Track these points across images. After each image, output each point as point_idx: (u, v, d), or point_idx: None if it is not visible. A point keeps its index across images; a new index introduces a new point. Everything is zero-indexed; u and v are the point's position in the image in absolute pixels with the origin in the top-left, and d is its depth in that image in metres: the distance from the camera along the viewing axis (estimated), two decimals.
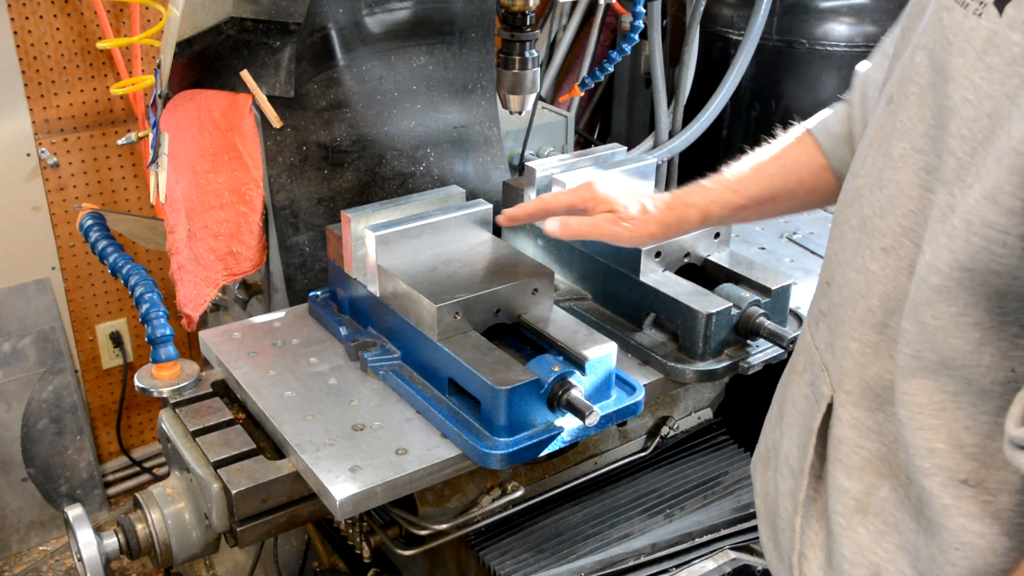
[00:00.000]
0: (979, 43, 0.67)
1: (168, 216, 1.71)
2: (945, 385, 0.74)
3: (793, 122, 1.30)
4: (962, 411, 0.74)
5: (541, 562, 1.49)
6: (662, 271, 1.55)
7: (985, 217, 0.65)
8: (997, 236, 0.65)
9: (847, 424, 0.86)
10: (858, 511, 0.85)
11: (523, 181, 1.72)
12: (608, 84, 3.38)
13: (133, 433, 3.05)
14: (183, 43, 1.61)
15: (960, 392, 0.74)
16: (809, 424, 0.91)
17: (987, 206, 0.65)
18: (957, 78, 0.70)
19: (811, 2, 2.60)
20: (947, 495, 0.74)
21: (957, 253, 0.68)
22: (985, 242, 0.66)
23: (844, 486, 0.86)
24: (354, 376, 1.47)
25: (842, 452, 0.86)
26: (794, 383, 0.97)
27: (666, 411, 1.68)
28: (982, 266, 0.67)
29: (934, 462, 0.75)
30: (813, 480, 0.92)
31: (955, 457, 0.74)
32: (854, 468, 0.85)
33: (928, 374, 0.74)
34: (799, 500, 0.93)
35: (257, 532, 1.34)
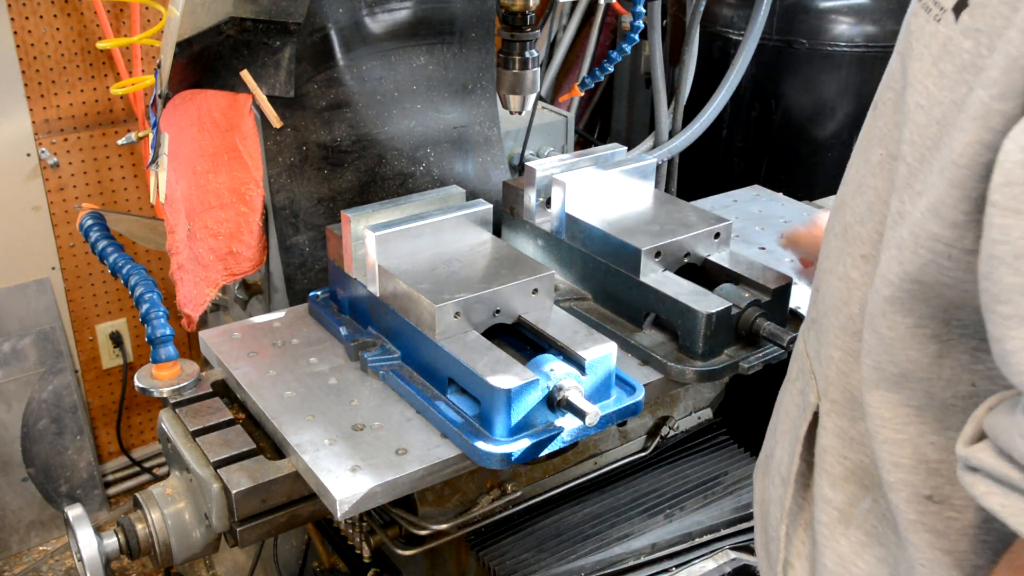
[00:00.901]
0: (935, 48, 0.67)
1: (168, 216, 1.71)
2: (908, 399, 0.73)
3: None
4: (927, 426, 0.73)
5: (541, 562, 1.49)
6: (662, 271, 1.55)
7: (930, 230, 0.64)
8: (942, 249, 0.64)
9: (832, 433, 0.85)
10: (841, 522, 0.84)
11: (523, 181, 1.72)
12: (608, 84, 3.38)
13: (133, 433, 3.05)
14: (183, 43, 1.61)
15: (923, 407, 0.73)
16: (797, 432, 0.90)
17: (931, 219, 0.64)
18: (913, 83, 0.69)
19: (811, 2, 2.60)
20: (912, 510, 0.73)
21: (906, 265, 0.67)
22: (932, 255, 0.65)
23: (828, 496, 0.85)
24: (354, 376, 1.47)
25: (826, 462, 0.86)
26: (787, 391, 0.97)
27: (666, 411, 1.68)
28: (931, 279, 0.66)
29: (899, 476, 0.74)
30: (800, 489, 0.92)
31: (920, 472, 0.73)
32: (837, 478, 0.84)
33: (890, 386, 0.73)
34: (785, 508, 0.92)
35: (257, 532, 1.35)
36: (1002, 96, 0.58)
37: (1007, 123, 0.58)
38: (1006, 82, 0.58)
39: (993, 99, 0.58)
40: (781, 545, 0.93)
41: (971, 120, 0.60)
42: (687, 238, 1.57)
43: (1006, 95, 0.58)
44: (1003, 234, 0.56)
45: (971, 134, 0.60)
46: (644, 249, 1.52)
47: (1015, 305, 0.56)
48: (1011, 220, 0.55)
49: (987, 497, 0.60)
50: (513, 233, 1.76)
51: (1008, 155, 0.56)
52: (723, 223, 1.62)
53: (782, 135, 2.74)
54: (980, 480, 0.61)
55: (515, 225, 1.76)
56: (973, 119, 0.60)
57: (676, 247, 1.56)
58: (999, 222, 0.56)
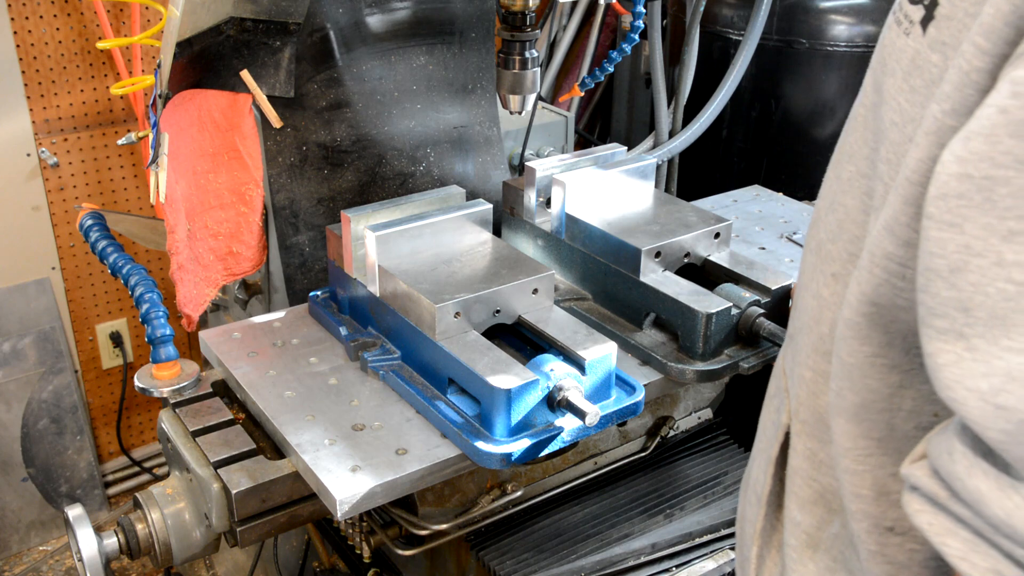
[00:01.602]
0: (905, 63, 0.65)
1: (168, 216, 1.71)
2: (869, 431, 0.71)
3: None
4: (888, 457, 0.71)
5: (541, 562, 1.49)
6: (662, 271, 1.55)
7: (884, 249, 0.63)
8: (896, 268, 0.63)
9: (801, 455, 0.83)
10: (809, 545, 0.83)
11: (523, 181, 1.72)
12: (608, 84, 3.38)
13: (133, 433, 3.05)
14: (183, 43, 1.61)
15: (884, 438, 0.71)
16: (770, 451, 0.89)
17: (886, 237, 0.63)
18: (888, 100, 0.68)
19: (811, 2, 2.60)
20: (873, 541, 0.71)
21: (863, 285, 0.66)
22: (886, 274, 0.64)
23: (797, 519, 0.83)
24: (354, 376, 1.47)
25: (796, 484, 0.84)
26: (766, 407, 0.95)
27: (666, 411, 1.68)
28: (887, 300, 0.65)
29: (860, 507, 0.72)
30: (773, 509, 0.90)
31: (881, 504, 0.71)
32: (806, 501, 0.83)
33: (850, 417, 0.72)
34: (757, 529, 0.91)
35: (257, 532, 1.35)
36: (954, 111, 0.57)
37: None
38: (958, 97, 0.56)
39: (945, 114, 0.57)
40: (751, 566, 0.92)
41: (924, 136, 0.59)
42: (687, 238, 1.57)
43: (957, 110, 0.56)
44: (939, 247, 0.55)
45: (924, 150, 0.59)
46: (644, 249, 1.52)
47: (951, 320, 0.54)
48: (946, 233, 0.54)
49: (918, 515, 0.59)
50: (513, 233, 1.76)
51: (944, 166, 0.54)
52: (723, 223, 1.62)
53: (782, 135, 2.74)
54: (915, 498, 0.60)
55: (515, 225, 1.76)
56: (926, 135, 0.59)
57: (676, 247, 1.56)
58: (935, 235, 0.55)
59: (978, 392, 0.52)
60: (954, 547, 0.56)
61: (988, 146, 0.52)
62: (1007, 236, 0.51)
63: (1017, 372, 0.51)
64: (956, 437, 0.57)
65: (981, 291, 0.53)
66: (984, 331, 0.53)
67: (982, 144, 0.52)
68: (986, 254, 0.52)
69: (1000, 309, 0.52)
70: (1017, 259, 0.51)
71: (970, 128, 0.53)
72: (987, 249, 0.52)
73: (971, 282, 0.53)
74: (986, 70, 0.54)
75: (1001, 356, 0.52)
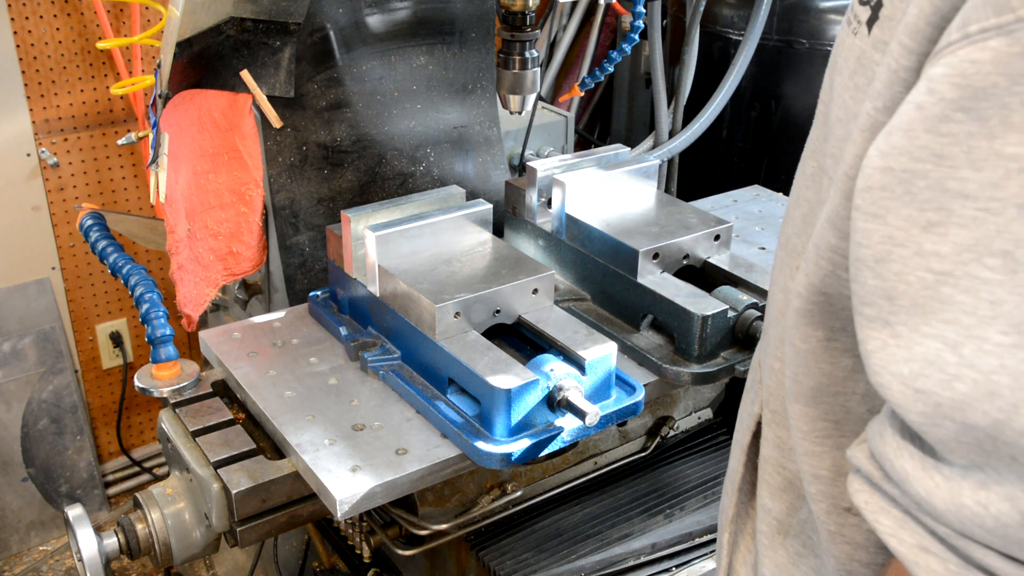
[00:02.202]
0: (852, 62, 0.67)
1: (168, 216, 1.71)
2: (825, 413, 0.73)
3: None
4: (845, 439, 0.73)
5: (541, 562, 1.49)
6: (660, 273, 1.55)
7: (828, 241, 0.65)
8: (840, 260, 0.64)
9: (771, 444, 0.85)
10: (779, 531, 0.85)
11: (524, 181, 1.72)
12: (608, 84, 3.38)
13: (133, 433, 3.05)
14: (183, 43, 1.61)
15: (841, 421, 0.73)
16: (743, 441, 0.91)
17: (829, 230, 0.65)
18: (835, 97, 0.70)
19: (811, 2, 2.60)
20: (832, 522, 0.73)
21: (811, 277, 0.68)
22: (831, 266, 0.66)
23: (768, 506, 0.85)
24: (354, 376, 1.47)
25: (767, 471, 0.86)
26: (743, 400, 0.97)
27: (666, 411, 1.68)
28: (834, 290, 0.67)
29: (819, 488, 0.74)
30: (745, 498, 0.92)
31: (839, 485, 0.73)
32: (776, 488, 0.84)
33: (807, 400, 0.73)
34: (729, 516, 0.93)
35: (257, 532, 1.35)
36: (885, 108, 0.58)
37: None
38: (888, 94, 0.58)
39: (878, 111, 0.59)
40: (725, 552, 0.93)
41: (859, 132, 0.60)
42: (686, 240, 1.57)
43: (888, 107, 0.58)
44: (865, 238, 0.56)
45: (859, 146, 0.60)
46: (641, 251, 1.52)
47: (877, 308, 0.56)
48: (871, 224, 0.56)
49: (857, 495, 0.62)
50: (514, 233, 1.77)
51: (869, 160, 0.56)
52: (723, 225, 1.62)
53: (782, 135, 2.74)
54: (855, 478, 0.62)
55: (516, 225, 1.76)
56: (861, 131, 0.60)
57: (675, 249, 1.56)
58: (861, 226, 0.57)
59: (900, 376, 0.54)
60: (885, 524, 0.59)
61: (907, 141, 0.53)
62: (926, 227, 0.53)
63: (934, 357, 0.53)
64: (887, 420, 0.59)
65: (903, 280, 0.54)
66: (906, 318, 0.55)
67: (901, 139, 0.54)
68: (907, 244, 0.54)
69: (920, 297, 0.54)
70: (935, 249, 0.53)
71: (891, 124, 0.55)
72: (908, 239, 0.54)
73: (894, 271, 0.55)
74: (912, 68, 0.56)
75: (920, 342, 0.54)
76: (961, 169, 0.51)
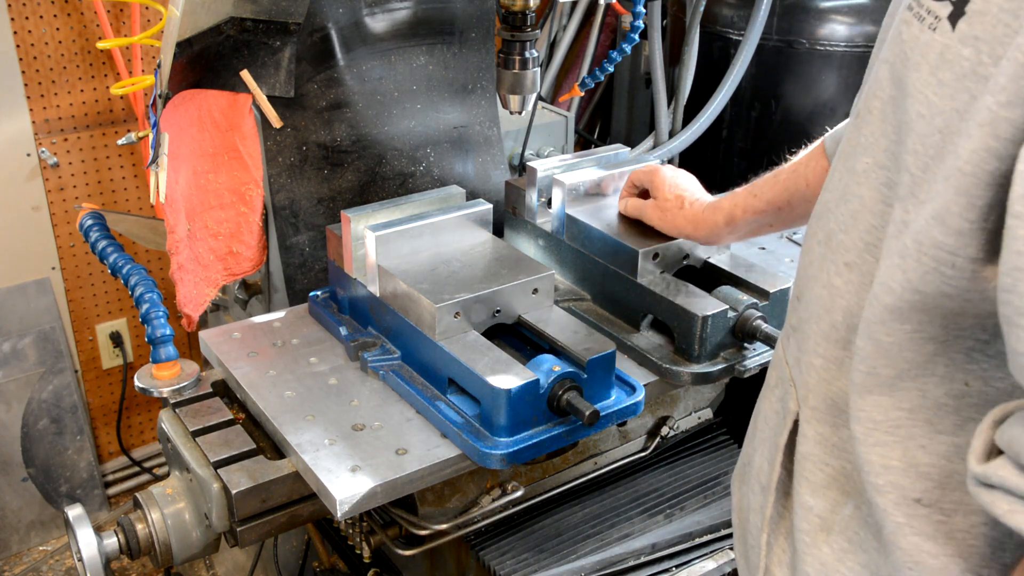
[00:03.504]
0: (933, 58, 0.67)
1: (168, 216, 1.71)
2: (901, 402, 0.73)
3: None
4: (918, 429, 0.73)
5: (541, 562, 1.49)
6: (660, 273, 1.55)
7: (934, 238, 0.64)
8: (946, 257, 0.64)
9: (812, 441, 0.85)
10: (822, 529, 0.84)
11: (524, 181, 1.72)
12: (608, 84, 3.38)
13: (133, 433, 3.05)
14: (183, 43, 1.61)
15: (915, 409, 0.73)
16: (777, 440, 0.91)
17: (936, 226, 0.64)
18: (913, 93, 0.69)
19: (811, 2, 2.60)
20: (900, 513, 0.74)
21: (909, 273, 0.67)
22: (935, 263, 0.65)
23: (809, 504, 0.85)
24: (354, 376, 1.47)
25: (807, 469, 0.86)
26: (766, 398, 0.97)
27: (666, 411, 1.68)
28: (933, 288, 0.66)
29: (888, 479, 0.74)
30: (781, 497, 0.91)
31: (909, 475, 0.73)
32: (818, 486, 0.85)
33: (884, 390, 0.74)
34: (766, 516, 0.92)
35: (257, 532, 1.35)
36: (1009, 103, 0.58)
37: (1014, 131, 0.58)
38: (1013, 89, 0.58)
39: (1000, 106, 0.58)
40: (762, 553, 0.93)
41: (978, 127, 0.60)
42: (686, 240, 1.57)
43: (1013, 102, 0.58)
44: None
45: (977, 141, 0.60)
46: (641, 251, 1.52)
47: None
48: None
49: (1010, 516, 0.59)
50: (515, 233, 1.77)
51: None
52: None
53: (782, 135, 2.74)
54: (1001, 498, 0.60)
55: (517, 225, 1.76)
56: (980, 126, 0.60)
57: (675, 249, 1.56)
58: (1022, 234, 0.56)
59: None
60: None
61: None
62: None
63: None
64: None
65: None
66: None
67: None
68: None
69: None
70: None
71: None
72: None
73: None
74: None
75: None
76: None
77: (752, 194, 1.35)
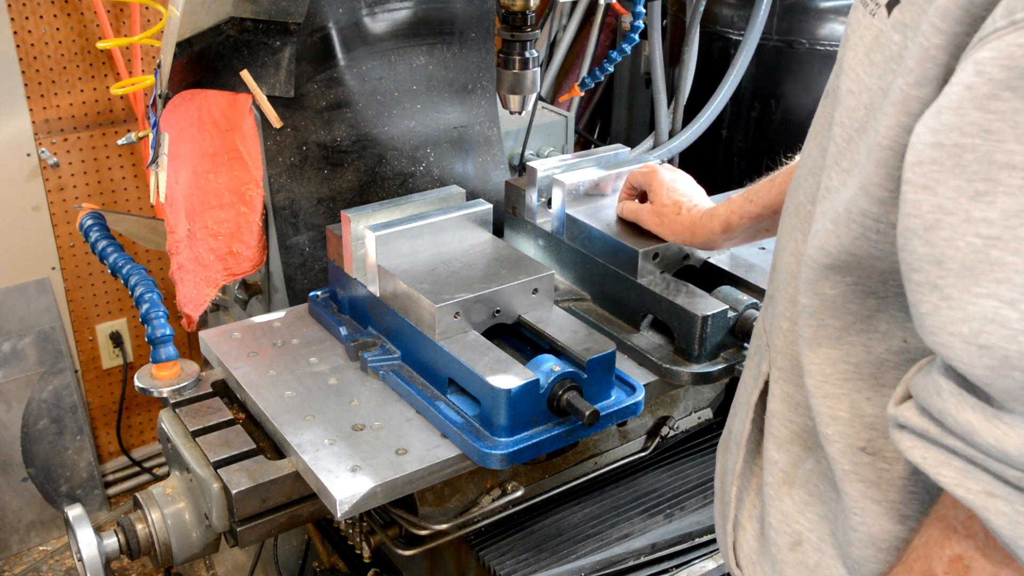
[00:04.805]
0: (868, 40, 0.73)
1: (168, 216, 1.71)
2: (847, 356, 0.79)
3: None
4: (864, 382, 0.79)
5: (541, 562, 1.49)
6: (660, 273, 1.55)
7: (860, 206, 0.71)
8: (871, 224, 0.70)
9: (779, 399, 0.91)
10: (785, 482, 0.90)
11: (524, 181, 1.72)
12: (608, 84, 3.38)
13: (133, 433, 3.05)
14: (183, 43, 1.61)
15: (861, 364, 0.79)
16: (750, 399, 0.96)
17: (861, 196, 0.70)
18: (846, 70, 0.76)
19: (811, 2, 2.60)
20: (847, 461, 0.79)
21: (842, 239, 0.73)
22: (862, 229, 0.71)
23: (774, 458, 0.91)
24: (354, 376, 1.47)
25: (773, 426, 0.91)
26: (747, 367, 1.02)
27: (666, 411, 1.68)
28: (863, 251, 0.73)
29: (836, 429, 0.80)
30: (751, 453, 0.97)
31: (855, 425, 0.79)
32: (783, 441, 0.90)
33: (832, 343, 0.79)
34: (736, 472, 0.98)
35: (257, 532, 1.35)
36: (917, 83, 0.64)
37: (922, 107, 0.63)
38: (920, 71, 0.63)
39: (909, 86, 0.64)
40: (732, 505, 0.98)
41: (892, 105, 0.66)
42: None
43: (920, 82, 0.64)
44: (915, 208, 0.61)
45: (892, 118, 0.66)
46: (641, 251, 1.52)
47: (925, 273, 0.61)
48: (921, 195, 0.60)
49: (911, 451, 0.66)
50: (515, 233, 1.77)
51: (919, 136, 0.61)
52: None
53: (782, 135, 2.74)
54: (905, 436, 0.67)
55: (517, 225, 1.76)
56: (894, 104, 0.66)
57: (675, 249, 1.56)
58: (911, 197, 0.61)
59: (960, 336, 0.59)
60: (949, 476, 0.63)
61: (957, 118, 0.58)
62: (974, 196, 0.58)
63: (992, 314, 0.57)
64: (940, 378, 0.63)
65: (952, 245, 0.59)
66: (955, 281, 0.59)
67: (952, 116, 0.59)
68: (956, 212, 0.59)
69: (969, 260, 0.58)
70: (983, 216, 0.58)
71: (940, 103, 0.60)
72: (957, 208, 0.59)
73: (943, 238, 0.60)
74: (942, 46, 0.62)
75: (973, 302, 0.58)
76: (1008, 143, 0.56)
77: (748, 199, 1.36)
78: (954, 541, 0.68)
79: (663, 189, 1.53)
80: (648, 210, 1.54)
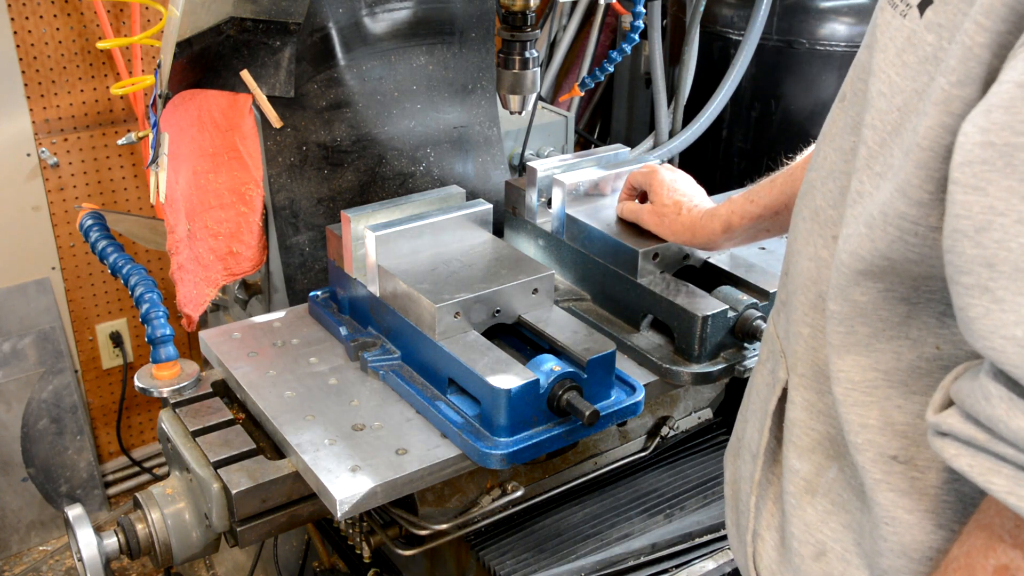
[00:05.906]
0: (900, 41, 0.72)
1: (168, 216, 1.71)
2: (877, 363, 0.78)
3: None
4: (894, 389, 0.77)
5: (541, 562, 1.49)
6: (660, 273, 1.55)
7: (897, 209, 0.69)
8: (909, 227, 0.69)
9: (799, 407, 0.89)
10: (808, 491, 0.89)
11: (524, 181, 1.72)
12: (608, 84, 3.38)
13: (133, 433, 3.05)
14: (183, 43, 1.61)
15: (891, 371, 0.77)
16: (767, 407, 0.95)
17: (899, 198, 0.69)
18: (876, 72, 0.74)
19: (811, 2, 2.60)
20: (877, 470, 0.77)
21: (877, 243, 0.72)
22: (899, 232, 0.70)
23: (795, 467, 0.89)
24: (354, 376, 1.47)
25: (794, 434, 0.90)
26: (758, 372, 1.01)
27: (666, 411, 1.68)
28: (899, 255, 0.71)
29: (866, 437, 0.78)
30: (768, 462, 0.96)
31: (886, 433, 0.77)
32: (804, 449, 0.89)
33: (861, 350, 0.78)
34: (755, 481, 0.96)
35: (257, 532, 1.35)
36: (960, 83, 0.63)
37: (965, 107, 0.62)
38: (963, 70, 0.62)
39: (952, 85, 0.63)
40: (751, 515, 0.97)
41: (933, 105, 0.65)
42: None
43: (963, 81, 0.63)
44: (964, 209, 0.60)
45: (933, 118, 0.65)
46: (641, 251, 1.52)
47: (976, 275, 0.59)
48: (971, 196, 0.59)
49: (956, 459, 0.64)
50: (515, 233, 1.77)
51: (967, 136, 0.59)
52: None
53: (782, 135, 2.74)
54: (949, 444, 0.65)
55: (517, 225, 1.76)
56: (935, 104, 0.64)
57: (675, 249, 1.56)
58: (961, 198, 0.60)
59: (1014, 339, 0.57)
60: (999, 484, 0.61)
61: (1008, 116, 0.57)
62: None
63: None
64: (991, 382, 0.61)
65: (1004, 247, 0.58)
66: (1008, 283, 0.58)
67: (1003, 115, 0.57)
68: (1008, 213, 0.57)
69: (1023, 262, 0.57)
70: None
71: (990, 102, 0.59)
72: (1009, 208, 0.57)
73: (995, 239, 0.58)
74: (986, 44, 0.61)
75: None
76: None
77: (749, 200, 1.36)
78: (999, 551, 0.66)
79: (663, 189, 1.53)
80: (648, 210, 1.54)
